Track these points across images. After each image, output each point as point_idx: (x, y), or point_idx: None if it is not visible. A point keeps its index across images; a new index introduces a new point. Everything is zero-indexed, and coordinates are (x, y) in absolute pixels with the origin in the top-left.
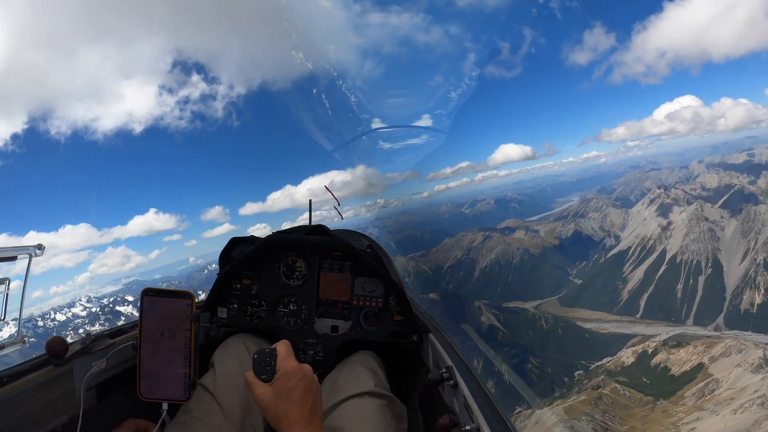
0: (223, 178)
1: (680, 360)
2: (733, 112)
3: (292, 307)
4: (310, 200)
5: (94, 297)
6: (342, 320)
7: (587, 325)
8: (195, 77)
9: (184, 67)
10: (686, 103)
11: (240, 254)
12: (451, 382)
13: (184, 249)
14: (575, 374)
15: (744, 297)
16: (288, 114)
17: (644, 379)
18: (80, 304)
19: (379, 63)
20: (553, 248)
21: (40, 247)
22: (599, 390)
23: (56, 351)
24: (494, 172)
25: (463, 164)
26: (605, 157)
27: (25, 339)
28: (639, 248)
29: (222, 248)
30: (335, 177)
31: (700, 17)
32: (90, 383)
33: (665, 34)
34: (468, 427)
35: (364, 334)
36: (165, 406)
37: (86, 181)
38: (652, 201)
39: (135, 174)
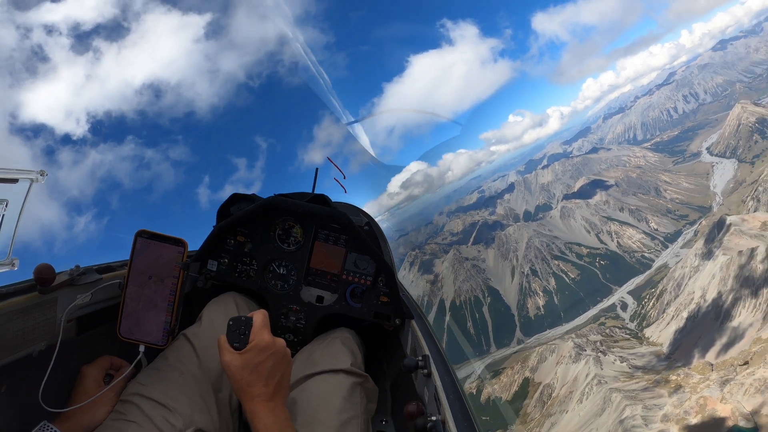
0: None
1: (505, 385)
2: (456, 163)
3: (281, 271)
4: (317, 168)
5: None
6: (328, 292)
7: None
8: None
9: None
10: (414, 168)
11: (239, 210)
12: (425, 371)
13: None
14: None
15: (528, 306)
16: None
17: (483, 418)
18: None
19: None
20: None
21: (42, 173)
22: None
23: (43, 278)
24: None
25: None
26: None
27: (15, 262)
28: None
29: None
30: None
31: (420, 86)
32: (72, 315)
33: (390, 113)
34: (434, 418)
35: (348, 309)
36: (142, 348)
37: None
38: (411, 263)
39: None
